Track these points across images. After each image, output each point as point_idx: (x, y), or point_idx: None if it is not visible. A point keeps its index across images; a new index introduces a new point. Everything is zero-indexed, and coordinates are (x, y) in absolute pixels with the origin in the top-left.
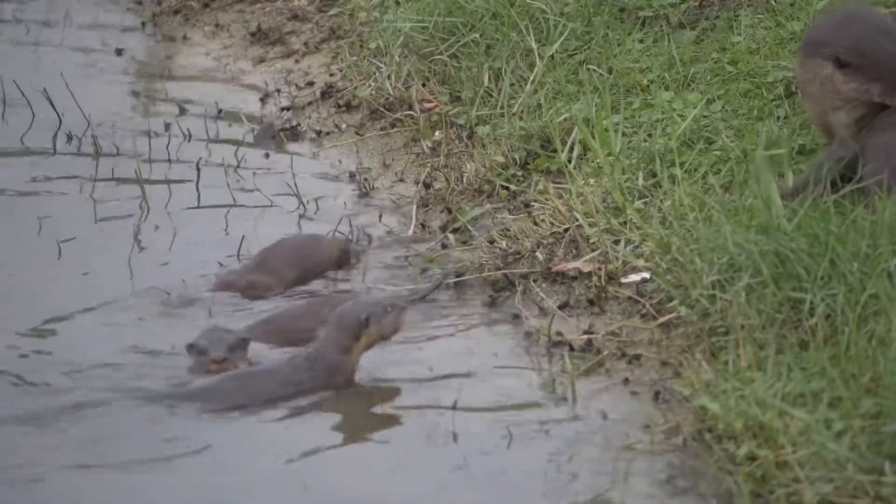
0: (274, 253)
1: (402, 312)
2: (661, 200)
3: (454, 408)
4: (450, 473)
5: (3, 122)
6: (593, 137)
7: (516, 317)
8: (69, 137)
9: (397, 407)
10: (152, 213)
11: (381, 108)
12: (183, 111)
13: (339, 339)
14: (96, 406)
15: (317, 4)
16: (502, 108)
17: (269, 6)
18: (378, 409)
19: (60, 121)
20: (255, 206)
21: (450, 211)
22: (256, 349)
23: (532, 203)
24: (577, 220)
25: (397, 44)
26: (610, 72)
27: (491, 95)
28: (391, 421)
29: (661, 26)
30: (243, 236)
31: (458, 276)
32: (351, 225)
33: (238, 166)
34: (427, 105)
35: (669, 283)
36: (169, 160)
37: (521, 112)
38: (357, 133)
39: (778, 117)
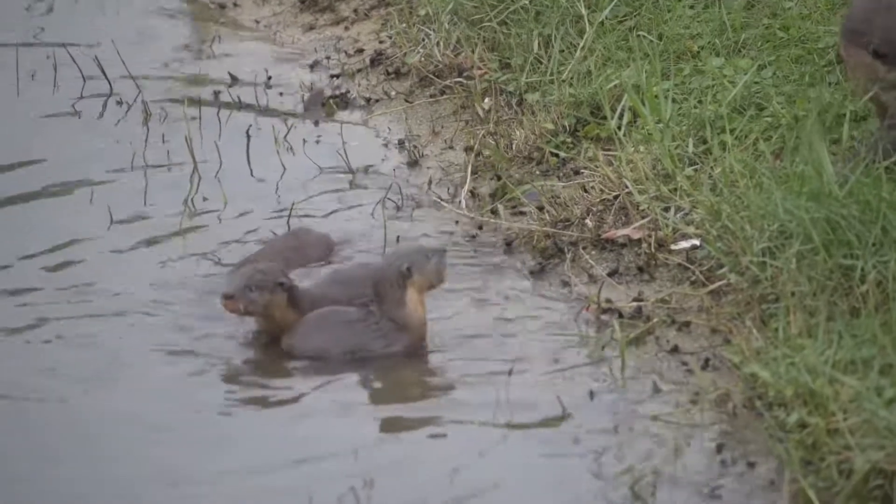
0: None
1: (442, 256)
2: (712, 167)
3: (510, 373)
4: (499, 440)
5: (55, 87)
6: (643, 104)
7: (566, 284)
8: (119, 104)
9: (447, 374)
10: (203, 181)
11: (431, 76)
12: (233, 78)
13: (389, 294)
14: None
15: None
16: (552, 74)
17: None
18: (428, 377)
19: (111, 87)
20: (305, 174)
21: (499, 178)
22: None
23: (582, 170)
24: (626, 186)
25: (446, 10)
26: (660, 38)
27: (540, 62)
28: (442, 388)
29: None
30: (293, 203)
31: (507, 243)
32: (400, 192)
33: (288, 134)
34: (476, 72)
35: (719, 250)
36: (219, 127)
37: (571, 79)
38: (406, 100)
39: (829, 83)
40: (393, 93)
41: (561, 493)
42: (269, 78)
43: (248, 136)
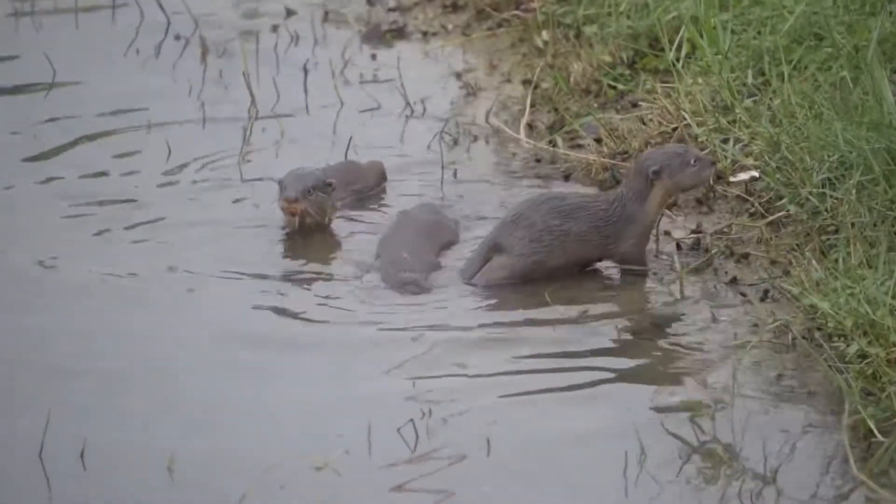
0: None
1: (706, 167)
2: (771, 99)
3: (581, 319)
4: (556, 375)
5: (113, 23)
6: (701, 36)
7: None
8: (177, 38)
9: (505, 306)
10: (260, 115)
11: (488, 8)
12: (290, 13)
13: (634, 185)
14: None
15: None
16: (609, 7)
17: None
18: (485, 307)
19: (169, 22)
20: (362, 107)
21: (557, 111)
22: None
23: (639, 102)
24: (685, 119)
25: None
26: None
27: None
28: (497, 318)
29: None
30: (351, 137)
31: (565, 176)
32: (457, 126)
33: (345, 68)
34: (530, 7)
35: (779, 182)
36: (277, 62)
37: (629, 11)
38: (463, 33)
39: (890, 12)
40: (450, 26)
41: (617, 423)
42: (326, 12)
43: (306, 71)
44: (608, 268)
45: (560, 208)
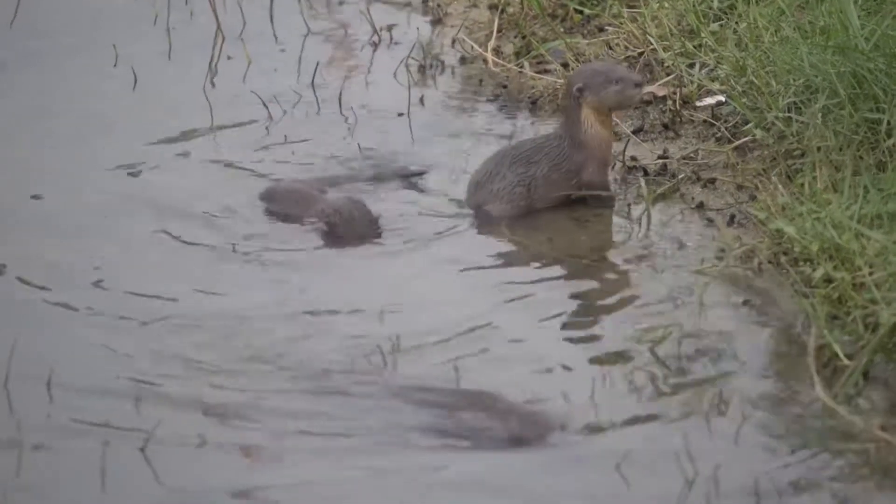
0: None
1: (629, 87)
2: (737, 22)
3: (547, 248)
4: (514, 299)
5: None
6: None
7: None
8: None
9: (471, 237)
10: (226, 42)
11: None
12: None
13: (566, 107)
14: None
15: None
16: None
17: None
18: (450, 240)
19: None
20: (329, 34)
21: (523, 37)
22: None
23: (606, 27)
24: (651, 43)
25: None
26: None
27: None
28: (467, 250)
29: None
30: (318, 63)
31: (532, 101)
32: (424, 52)
33: None
34: None
35: (745, 106)
36: None
37: None
38: None
39: None
40: None
41: (585, 349)
42: None
43: None
44: (574, 195)
45: (519, 157)
